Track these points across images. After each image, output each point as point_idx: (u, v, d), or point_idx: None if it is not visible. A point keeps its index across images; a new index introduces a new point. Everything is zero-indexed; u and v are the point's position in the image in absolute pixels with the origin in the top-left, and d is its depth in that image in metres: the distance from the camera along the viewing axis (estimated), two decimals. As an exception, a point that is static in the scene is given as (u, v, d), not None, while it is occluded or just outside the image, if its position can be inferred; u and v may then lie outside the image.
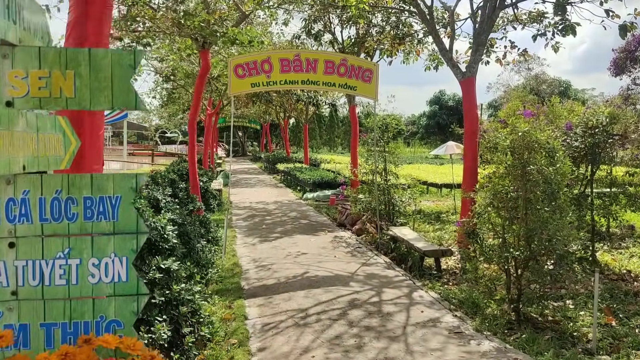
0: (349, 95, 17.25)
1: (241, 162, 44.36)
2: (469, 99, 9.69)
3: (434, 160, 36.07)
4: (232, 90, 8.79)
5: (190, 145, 12.27)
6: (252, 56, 8.89)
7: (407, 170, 23.39)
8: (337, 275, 7.61)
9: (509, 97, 42.99)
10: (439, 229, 11.94)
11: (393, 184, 10.90)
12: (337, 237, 10.68)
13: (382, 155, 10.95)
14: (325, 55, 9.16)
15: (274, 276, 7.56)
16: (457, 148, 15.13)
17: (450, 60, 9.92)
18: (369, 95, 9.36)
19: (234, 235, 10.70)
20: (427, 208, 14.81)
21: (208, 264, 7.37)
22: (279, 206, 15.48)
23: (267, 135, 47.80)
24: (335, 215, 13.14)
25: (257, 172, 31.42)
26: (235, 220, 12.73)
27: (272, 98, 25.56)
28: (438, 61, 13.97)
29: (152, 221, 5.04)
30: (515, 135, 5.64)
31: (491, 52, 12.25)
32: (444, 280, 7.50)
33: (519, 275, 5.84)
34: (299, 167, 23.22)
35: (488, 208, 5.94)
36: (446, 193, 18.92)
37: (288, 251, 9.23)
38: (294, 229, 11.57)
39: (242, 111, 41.97)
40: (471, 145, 9.52)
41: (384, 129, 10.93)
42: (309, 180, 18.24)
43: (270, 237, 10.54)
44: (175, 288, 4.83)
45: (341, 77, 9.01)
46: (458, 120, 60.97)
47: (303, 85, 9.11)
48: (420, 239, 8.68)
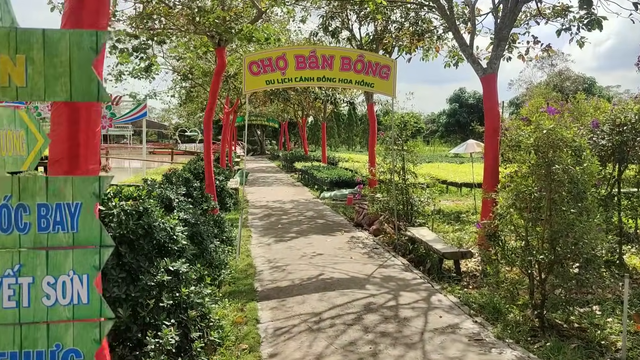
0: (367, 93, 17.01)
1: (259, 161, 44.38)
2: (490, 96, 9.39)
3: (454, 159, 35.63)
4: (246, 88, 8.64)
5: (206, 144, 12.15)
6: (267, 53, 8.73)
7: (427, 169, 23.06)
8: (353, 277, 7.40)
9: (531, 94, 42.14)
10: (459, 230, 11.66)
11: (411, 183, 10.64)
12: (354, 237, 10.47)
13: (400, 154, 10.70)
14: (342, 52, 8.95)
15: (288, 278, 7.38)
16: (478, 146, 14.81)
17: (471, 56, 9.63)
18: (387, 92, 9.12)
19: (249, 235, 10.57)
20: (447, 208, 14.52)
21: (221, 265, 7.23)
22: (295, 205, 15.32)
23: (285, 133, 47.68)
24: (353, 215, 12.92)
25: (275, 171, 31.33)
26: (251, 220, 12.60)
27: (290, 96, 25.41)
28: (458, 58, 13.64)
29: (160, 222, 4.90)
30: (539, 132, 5.37)
31: (513, 47, 11.89)
32: (464, 284, 7.26)
33: (542, 279, 5.57)
34: (316, 166, 23.05)
35: (510, 209, 5.68)
36: (466, 192, 18.56)
37: (303, 252, 9.05)
38: (310, 228, 11.39)
39: (260, 110, 41.98)
40: (492, 144, 9.23)
41: (403, 127, 10.68)
42: (326, 179, 18.04)
43: (286, 237, 10.37)
44: (184, 291, 4.69)
45: (358, 74, 8.80)
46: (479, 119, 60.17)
47: (319, 82, 8.92)
48: (439, 240, 8.43)
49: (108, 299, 4.35)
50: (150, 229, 4.75)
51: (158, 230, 4.80)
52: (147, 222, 4.74)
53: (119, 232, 4.56)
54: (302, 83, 8.83)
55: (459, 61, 13.44)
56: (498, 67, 9.51)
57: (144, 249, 4.68)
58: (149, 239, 4.73)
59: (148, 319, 4.39)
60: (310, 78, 8.73)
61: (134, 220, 4.68)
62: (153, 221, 4.81)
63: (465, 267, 8.11)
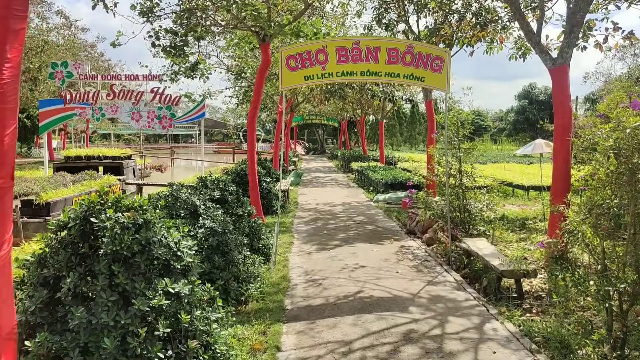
0: (425, 89, 15.96)
1: (318, 160, 43.89)
2: (561, 89, 8.22)
3: (522, 159, 33.53)
4: (283, 84, 7.96)
5: (250, 145, 11.62)
6: (306, 45, 8.00)
7: (491, 170, 21.60)
8: (396, 296, 6.54)
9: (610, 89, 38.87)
10: (524, 239, 10.48)
11: (468, 187, 9.59)
12: (404, 247, 9.56)
13: (457, 155, 9.67)
14: (388, 42, 8.07)
15: (323, 294, 6.63)
16: (547, 146, 13.43)
17: (538, 45, 8.49)
18: (439, 86, 8.16)
19: (290, 242, 9.91)
20: (512, 213, 13.26)
21: (249, 278, 6.59)
22: (346, 209, 14.53)
23: (345, 132, 46.95)
24: (406, 220, 11.98)
25: (332, 171, 30.64)
26: (297, 224, 11.94)
27: (346, 94, 24.62)
28: (525, 48, 12.37)
29: (162, 236, 4.28)
30: (620, 132, 4.32)
31: (589, 35, 10.52)
32: (526, 306, 6.23)
33: (624, 311, 4.52)
34: (372, 166, 22.14)
35: (582, 225, 4.65)
36: (534, 196, 17.09)
37: (345, 263, 8.26)
38: (357, 236, 10.57)
39: (320, 108, 41.46)
40: (562, 145, 8.07)
41: (459, 126, 9.64)
42: (381, 180, 17.13)
43: (329, 245, 9.62)
44: (184, 318, 4.04)
45: (406, 67, 7.90)
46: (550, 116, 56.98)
47: (362, 78, 8.08)
48: (497, 254, 7.38)
49: (94, 327, 3.77)
50: (148, 245, 4.13)
51: (158, 245, 4.17)
52: (144, 236, 4.13)
53: (112, 249, 3.97)
54: (343, 78, 8.04)
55: (526, 52, 12.17)
56: (570, 57, 8.33)
57: (140, 267, 4.08)
58: (147, 255, 4.12)
59: (139, 350, 3.78)
60: (353, 73, 7.92)
61: (130, 235, 4.09)
62: (152, 235, 4.19)
63: (528, 285, 7.06)
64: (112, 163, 20.42)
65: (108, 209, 4.20)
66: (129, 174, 21.01)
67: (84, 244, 4.15)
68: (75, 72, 28.03)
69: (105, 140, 62.86)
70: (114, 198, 4.41)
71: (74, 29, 33.57)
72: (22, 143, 47.61)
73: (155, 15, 9.21)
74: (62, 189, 14.90)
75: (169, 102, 27.72)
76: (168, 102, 27.77)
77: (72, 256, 4.10)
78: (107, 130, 56.70)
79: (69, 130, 43.51)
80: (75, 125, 44.76)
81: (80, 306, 3.85)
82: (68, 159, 20.85)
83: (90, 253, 4.13)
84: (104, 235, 4.04)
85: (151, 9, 9.16)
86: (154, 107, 28.30)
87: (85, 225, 4.16)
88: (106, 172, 19.59)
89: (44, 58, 26.86)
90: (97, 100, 28.01)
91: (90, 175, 17.76)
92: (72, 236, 4.16)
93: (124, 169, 20.42)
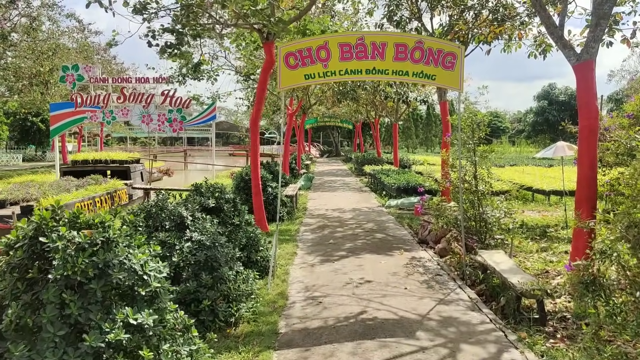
0: (440, 89, 15.25)
1: (332, 163, 43.26)
2: (586, 87, 7.48)
3: (542, 162, 32.48)
4: (282, 84, 7.35)
5: (253, 147, 11.06)
6: (306, 42, 7.39)
7: (510, 174, 20.76)
8: (402, 318, 5.88)
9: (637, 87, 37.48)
10: (545, 249, 9.75)
11: (485, 193, 8.87)
12: (414, 258, 8.88)
13: (472, 159, 8.97)
14: (396, 37, 7.42)
15: (322, 315, 6.00)
16: (569, 149, 12.64)
17: (561, 39, 7.77)
18: (452, 85, 7.47)
19: (294, 252, 9.29)
20: (532, 220, 12.49)
21: (241, 297, 5.98)
22: (355, 215, 13.87)
23: (359, 135, 46.26)
24: (418, 228, 11.30)
25: (345, 174, 29.98)
26: (303, 232, 11.33)
27: (359, 96, 23.97)
28: (546, 45, 11.62)
29: (125, 257, 3.70)
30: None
31: (615, 30, 9.75)
32: (550, 330, 5.53)
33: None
34: (385, 170, 21.44)
35: (617, 245, 3.95)
36: (555, 201, 16.25)
37: (349, 277, 7.62)
38: (365, 245, 9.92)
39: (333, 110, 40.86)
40: (588, 148, 7.33)
41: (474, 128, 8.94)
42: (393, 185, 16.44)
43: (334, 257, 8.98)
44: (146, 355, 3.45)
45: (416, 64, 7.24)
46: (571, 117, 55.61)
47: (368, 76, 7.44)
48: (516, 270, 6.68)
49: (36, 368, 3.20)
50: (107, 268, 3.56)
51: (118, 269, 3.59)
52: (102, 258, 3.55)
53: (63, 274, 3.40)
54: (347, 77, 7.40)
55: (547, 50, 11.42)
56: (596, 53, 7.60)
57: (96, 295, 3.50)
58: (105, 281, 3.54)
59: (89, 395, 3.20)
60: (357, 71, 7.28)
61: (85, 257, 3.51)
62: (112, 257, 3.61)
63: (551, 304, 6.35)
64: (119, 167, 20.04)
65: (61, 227, 3.63)
66: (137, 178, 20.62)
67: (32, 268, 3.59)
68: (86, 75, 27.80)
69: (122, 143, 63.05)
70: (71, 213, 3.84)
71: (87, 32, 33.44)
72: (37, 146, 47.80)
73: (149, 12, 8.68)
74: (64, 194, 14.51)
75: (179, 104, 27.33)
76: (179, 105, 27.38)
77: (19, 282, 3.54)
78: (123, 134, 56.81)
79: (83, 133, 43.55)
80: (90, 129, 44.81)
81: (22, 342, 3.29)
82: (75, 163, 20.53)
83: (40, 278, 3.58)
84: (54, 259, 3.47)
85: (145, 5, 8.64)
86: (165, 110, 27.97)
87: (35, 245, 3.60)
88: (113, 176, 19.21)
89: (56, 61, 26.65)
90: (108, 103, 27.74)
91: (95, 180, 17.37)
92: (19, 258, 3.61)
93: (132, 172, 20.02)
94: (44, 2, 24.82)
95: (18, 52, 25.81)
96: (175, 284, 5.64)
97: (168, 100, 27.69)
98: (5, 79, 25.29)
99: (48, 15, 24.98)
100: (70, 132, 45.39)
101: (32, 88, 26.64)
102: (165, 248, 5.81)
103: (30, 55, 25.40)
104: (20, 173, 28.63)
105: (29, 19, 24.63)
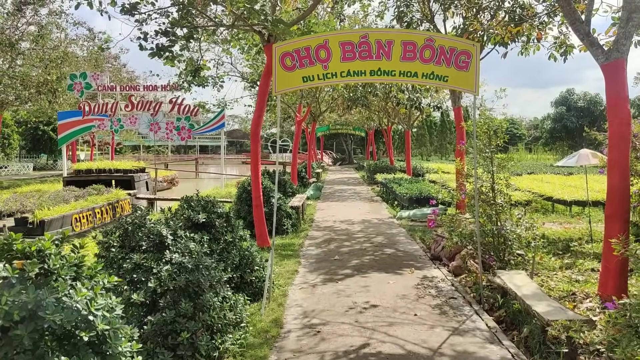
0: (453, 94, 14.49)
1: (344, 171, 42.52)
2: (616, 90, 6.70)
3: (560, 169, 31.37)
4: (277, 87, 6.68)
5: (253, 156, 10.40)
6: (304, 40, 6.71)
7: (528, 182, 19.85)
8: (410, 353, 5.12)
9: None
10: (569, 266, 8.91)
11: (503, 206, 8.09)
12: (426, 278, 8.11)
13: (489, 169, 8.20)
14: (404, 35, 6.71)
15: (319, 348, 5.27)
16: (593, 157, 11.76)
17: (588, 36, 7.00)
18: (465, 87, 6.73)
19: (295, 270, 8.58)
20: (553, 233, 11.58)
21: (227, 327, 5.28)
22: (364, 227, 13.12)
23: (372, 142, 45.52)
24: (431, 243, 10.51)
25: (356, 183, 29.21)
26: (307, 246, 10.61)
27: (370, 102, 23.26)
28: (567, 46, 10.81)
29: (67, 293, 3.02)
30: None
31: (645, 28, 8.92)
32: (581, 367, 4.75)
33: None
34: (398, 179, 20.65)
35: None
36: (577, 211, 15.33)
37: (353, 300, 6.88)
38: (373, 262, 9.17)
39: (345, 118, 40.23)
40: (620, 156, 6.55)
41: (491, 135, 8.17)
42: (405, 195, 15.66)
43: (338, 275, 8.25)
44: (83, 419, 2.75)
45: (426, 64, 6.52)
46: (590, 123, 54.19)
47: (372, 78, 6.73)
48: (541, 295, 5.90)
49: None
50: (39, 309, 2.88)
51: (52, 310, 2.91)
52: (32, 297, 2.88)
53: (-19, 317, 2.74)
54: (350, 79, 6.70)
55: (568, 51, 10.61)
56: (628, 51, 6.83)
57: (23, 343, 2.83)
58: (35, 325, 2.87)
59: None
60: (361, 72, 6.58)
61: (11, 295, 2.85)
62: (48, 295, 2.93)
63: (582, 336, 5.54)
64: (123, 176, 19.53)
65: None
66: (141, 187, 20.11)
67: (-52, 308, 2.94)
68: (94, 83, 27.47)
69: (136, 151, 63.01)
70: (3, 239, 3.18)
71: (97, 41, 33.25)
72: (48, 155, 47.79)
73: (140, 12, 8.09)
74: (62, 205, 13.98)
75: (187, 112, 26.86)
76: (187, 113, 26.91)
77: None
78: (136, 142, 56.65)
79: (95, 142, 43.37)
80: (102, 137, 44.67)
81: None
82: (78, 172, 20.08)
83: (-43, 321, 2.92)
84: (-28, 298, 2.81)
85: (135, 5, 8.04)
86: (173, 118, 27.51)
87: (-48, 280, 2.96)
88: (117, 185, 18.70)
89: (64, 69, 26.36)
90: (116, 111, 27.39)
91: (97, 190, 16.87)
92: None
93: (136, 182, 19.51)
94: (52, 9, 24.59)
95: (26, 60, 25.56)
96: (153, 313, 4.97)
97: (176, 108, 27.25)
98: (12, 87, 25.01)
99: (56, 23, 24.70)
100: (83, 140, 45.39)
101: (39, 96, 26.36)
102: (140, 272, 5.15)
103: (38, 63, 25.13)
104: (29, 182, 28.36)
105: (37, 27, 24.39)
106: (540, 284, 7.23)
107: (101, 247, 5.43)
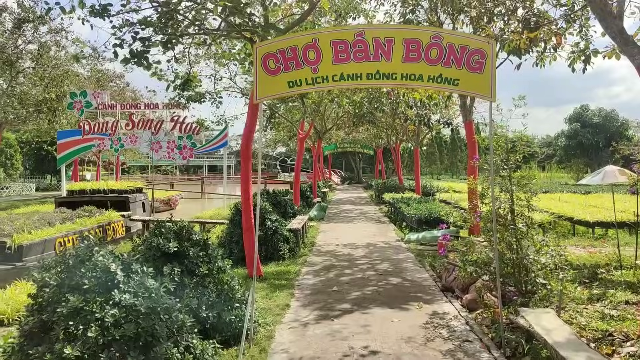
0: (464, 107, 13.49)
1: (352, 190, 41.46)
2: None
3: (576, 188, 30.08)
4: (259, 93, 5.73)
5: (243, 175, 9.44)
6: (290, 39, 5.78)
7: (545, 202, 18.64)
8: (416, 423, 4.05)
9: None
10: (600, 298, 7.76)
11: (524, 231, 7.02)
12: (437, 314, 7.02)
13: (507, 188, 7.15)
14: (406, 31, 5.76)
15: (301, 414, 4.21)
16: (621, 175, 10.67)
17: (622, 33, 6.00)
18: (480, 92, 5.72)
19: (286, 304, 7.53)
20: (578, 258, 10.43)
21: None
22: (369, 252, 12.03)
23: (380, 161, 44.52)
24: (442, 271, 9.42)
25: (364, 203, 28.12)
26: (304, 275, 9.55)
27: (377, 119, 22.30)
28: (591, 52, 9.80)
29: None
30: None
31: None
32: None
33: None
34: (406, 198, 19.58)
35: None
36: (600, 233, 14.15)
37: (350, 345, 5.80)
38: (376, 295, 8.09)
39: (353, 136, 39.36)
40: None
41: (509, 149, 7.14)
42: (413, 216, 14.58)
43: (335, 311, 7.18)
44: None
45: (432, 66, 5.54)
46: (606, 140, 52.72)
47: (370, 82, 5.78)
48: (577, 343, 4.81)
49: None
50: None
51: None
52: None
53: None
54: (343, 84, 5.72)
55: (593, 54, 9.59)
56: (670, 49, 5.82)
57: None
58: None
59: None
60: (356, 76, 5.62)
61: None
62: None
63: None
64: (117, 197, 18.63)
65: None
66: (137, 208, 19.17)
67: None
68: (95, 101, 26.85)
69: (144, 171, 62.50)
70: None
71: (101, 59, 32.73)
72: (52, 175, 47.29)
73: (110, 14, 7.22)
74: (46, 228, 13.07)
75: (189, 131, 26.11)
76: (189, 132, 26.15)
77: None
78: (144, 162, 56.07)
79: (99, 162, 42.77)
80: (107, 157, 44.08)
81: None
82: (72, 193, 19.20)
83: None
84: None
85: (105, 7, 7.19)
86: (174, 137, 26.76)
87: None
88: (112, 207, 17.79)
89: (64, 88, 25.75)
90: (116, 130, 26.70)
91: (88, 212, 15.96)
92: None
93: (131, 203, 18.58)
94: (52, 27, 24.06)
95: (26, 78, 25.00)
96: (92, 371, 3.96)
97: (178, 126, 26.52)
98: (11, 107, 24.39)
99: (56, 40, 24.15)
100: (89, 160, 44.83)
101: (38, 115, 25.73)
102: (79, 318, 4.16)
103: (39, 82, 24.55)
104: (28, 203, 27.60)
105: (38, 45, 23.86)
106: (569, 321, 6.14)
107: (36, 286, 4.45)
